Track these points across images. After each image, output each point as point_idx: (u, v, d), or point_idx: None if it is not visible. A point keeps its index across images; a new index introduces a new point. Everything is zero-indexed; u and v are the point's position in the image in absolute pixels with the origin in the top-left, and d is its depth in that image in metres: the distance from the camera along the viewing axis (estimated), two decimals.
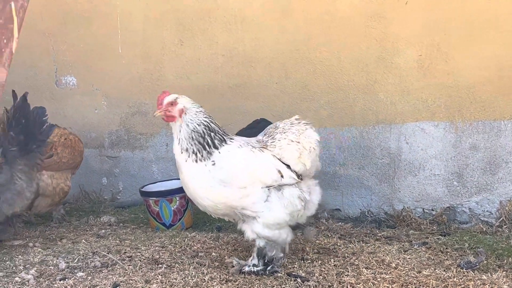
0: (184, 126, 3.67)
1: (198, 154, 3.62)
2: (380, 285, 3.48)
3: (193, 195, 3.73)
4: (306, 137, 3.87)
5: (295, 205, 3.74)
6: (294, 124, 3.96)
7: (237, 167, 3.65)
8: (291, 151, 3.78)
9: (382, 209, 5.45)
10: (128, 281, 3.58)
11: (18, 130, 4.56)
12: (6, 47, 2.01)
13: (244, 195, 3.61)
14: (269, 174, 3.68)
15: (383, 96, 5.42)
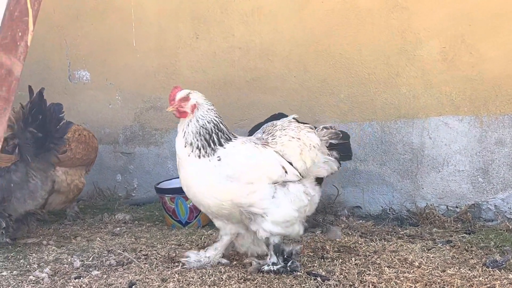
0: (194, 121, 3.70)
1: (202, 150, 3.65)
2: (403, 285, 3.47)
3: (196, 193, 3.73)
4: (306, 134, 3.88)
5: (302, 200, 3.76)
6: (292, 122, 3.98)
7: (244, 162, 3.68)
8: (293, 148, 3.81)
9: (405, 207, 5.43)
10: (144, 280, 3.60)
11: (34, 127, 4.58)
12: (22, 40, 2.03)
13: (251, 191, 3.62)
14: (275, 169, 3.71)
15: (405, 90, 5.40)
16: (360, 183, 5.60)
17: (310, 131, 3.91)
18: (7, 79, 2.00)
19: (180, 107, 3.72)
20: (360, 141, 5.55)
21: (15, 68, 2.04)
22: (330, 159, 3.95)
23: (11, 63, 2.01)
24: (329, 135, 3.98)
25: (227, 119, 5.89)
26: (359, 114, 5.55)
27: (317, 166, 3.89)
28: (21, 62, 2.05)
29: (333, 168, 3.99)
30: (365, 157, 5.56)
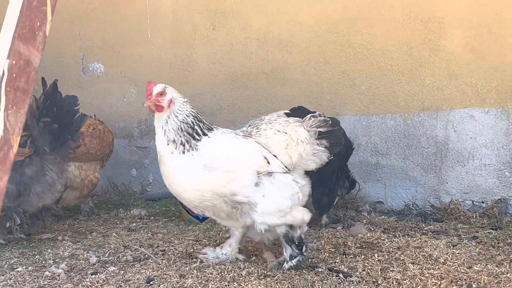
0: (173, 117, 3.69)
1: (186, 145, 3.65)
2: (428, 281, 3.46)
3: (178, 188, 3.73)
4: (294, 129, 3.84)
5: (292, 187, 3.75)
6: (281, 116, 3.94)
7: (220, 150, 3.69)
8: (278, 142, 3.77)
9: (428, 202, 5.42)
10: (162, 276, 3.63)
11: (49, 119, 4.61)
12: (40, 30, 2.04)
13: (231, 179, 3.61)
14: (255, 158, 3.70)
15: (429, 81, 5.38)
16: (382, 177, 5.59)
17: (298, 126, 3.84)
18: (25, 70, 2.02)
19: (157, 102, 3.71)
20: (382, 134, 5.54)
21: (34, 58, 2.06)
22: (319, 150, 3.85)
23: (29, 54, 2.03)
24: (318, 124, 3.87)
25: (244, 112, 5.95)
26: (381, 106, 5.54)
27: (306, 159, 3.84)
28: (40, 52, 2.08)
29: (322, 159, 3.89)
30: (387, 151, 5.55)
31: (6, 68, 1.95)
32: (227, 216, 3.82)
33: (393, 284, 3.44)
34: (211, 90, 6.23)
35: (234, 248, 3.96)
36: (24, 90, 2.02)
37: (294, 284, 3.44)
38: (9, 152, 1.97)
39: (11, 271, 3.86)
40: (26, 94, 2.03)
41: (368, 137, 5.60)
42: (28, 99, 2.05)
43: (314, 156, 3.85)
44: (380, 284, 3.45)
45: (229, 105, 6.18)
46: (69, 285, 3.52)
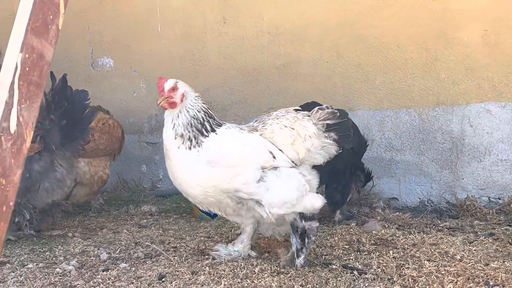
0: (184, 112, 3.69)
1: (193, 141, 3.65)
2: (444, 279, 3.46)
3: (182, 183, 3.74)
4: (302, 125, 3.82)
5: (298, 179, 3.73)
6: (290, 111, 3.93)
7: (224, 146, 3.67)
8: (284, 137, 3.75)
9: (444, 198, 5.41)
10: (174, 273, 3.64)
11: (59, 115, 4.63)
12: (53, 23, 2.06)
13: (235, 174, 3.60)
14: (260, 153, 3.68)
15: (444, 75, 5.37)
16: (397, 173, 5.59)
17: (307, 121, 3.81)
18: (38, 64, 2.04)
19: (170, 98, 3.71)
20: (396, 129, 5.54)
21: (47, 52, 2.08)
22: (328, 143, 3.83)
23: (42, 47, 2.05)
24: (325, 116, 3.84)
25: (255, 107, 5.96)
26: (396, 101, 5.53)
27: (314, 153, 3.81)
28: (53, 46, 2.09)
29: (331, 153, 3.87)
30: (402, 146, 5.55)
31: (19, 62, 1.97)
32: (233, 212, 3.83)
33: (409, 281, 3.44)
34: (222, 84, 6.25)
35: (246, 244, 3.97)
36: (37, 84, 2.03)
37: (308, 281, 3.45)
38: (22, 146, 1.99)
39: (21, 267, 3.89)
40: (39, 88, 2.05)
41: (382, 132, 5.60)
42: (41, 93, 2.07)
43: (322, 150, 3.83)
44: (395, 281, 3.45)
45: (240, 100, 6.20)
46: (80, 282, 3.54)
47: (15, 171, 1.95)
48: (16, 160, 1.96)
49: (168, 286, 3.40)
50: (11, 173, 1.95)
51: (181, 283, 3.44)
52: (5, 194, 1.93)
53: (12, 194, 1.96)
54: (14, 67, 1.96)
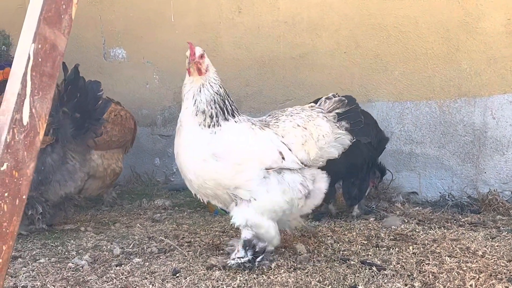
0: (208, 86, 3.62)
1: (214, 118, 3.58)
2: (466, 275, 3.45)
3: (181, 164, 3.70)
4: (316, 125, 3.78)
5: (296, 191, 3.67)
6: (305, 109, 3.88)
7: (233, 141, 3.59)
8: (296, 136, 3.70)
9: (465, 192, 5.39)
10: (188, 268, 3.66)
11: (71, 106, 4.65)
12: (66, 13, 2.07)
13: (238, 171, 3.55)
14: (269, 153, 3.61)
15: (466, 66, 5.33)
16: (417, 167, 5.57)
17: (321, 119, 3.76)
18: (51, 54, 2.05)
19: (199, 64, 3.61)
20: (416, 121, 5.51)
21: (59, 42, 2.09)
22: (341, 134, 3.80)
23: (55, 37, 2.06)
24: (334, 106, 3.81)
25: (271, 98, 5.96)
26: (416, 92, 5.51)
27: (328, 148, 3.78)
28: (66, 36, 2.11)
29: (345, 143, 3.84)
30: (422, 139, 5.53)
31: (31, 53, 1.98)
32: (222, 202, 3.79)
33: (429, 277, 3.43)
34: (237, 76, 6.24)
35: None
36: (50, 75, 2.05)
37: (325, 277, 3.45)
38: (35, 139, 2.01)
39: (33, 262, 3.92)
40: (52, 79, 2.06)
41: (402, 124, 5.58)
42: (54, 84, 2.08)
43: (336, 142, 3.80)
44: (415, 277, 3.44)
45: (256, 92, 6.19)
46: (93, 277, 3.57)
47: (28, 164, 1.97)
48: (29, 152, 1.97)
49: (183, 281, 3.41)
50: (24, 166, 1.96)
51: (196, 279, 3.45)
52: (18, 187, 1.95)
53: (25, 187, 1.98)
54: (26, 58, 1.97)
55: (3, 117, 1.93)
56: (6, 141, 1.90)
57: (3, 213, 1.91)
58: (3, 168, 1.90)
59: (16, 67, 1.99)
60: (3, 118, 1.93)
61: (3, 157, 1.90)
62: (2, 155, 1.90)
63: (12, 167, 1.93)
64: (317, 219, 4.89)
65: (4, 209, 1.91)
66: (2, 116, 1.94)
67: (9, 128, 1.91)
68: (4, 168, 1.90)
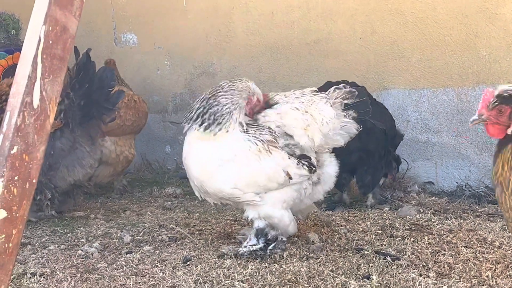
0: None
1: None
2: (482, 266, 3.45)
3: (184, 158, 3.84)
4: (318, 109, 3.76)
5: (301, 182, 3.72)
6: (306, 94, 3.86)
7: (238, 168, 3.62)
8: (296, 119, 3.70)
9: (483, 183, 5.36)
10: (199, 256, 3.68)
11: (82, 92, 4.66)
12: None
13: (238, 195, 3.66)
14: (274, 179, 3.63)
15: (485, 53, 5.30)
16: (433, 156, 5.55)
17: (324, 104, 3.74)
18: (62, 37, 2.06)
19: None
20: (433, 110, 5.50)
21: (70, 25, 2.10)
22: (347, 122, 3.78)
23: (66, 20, 2.07)
24: (343, 96, 3.78)
25: (284, 85, 5.95)
26: (433, 80, 5.49)
27: (333, 135, 3.77)
28: (77, 18, 2.12)
29: (351, 132, 3.82)
30: (439, 127, 5.51)
31: (42, 35, 1.99)
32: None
33: (445, 268, 3.44)
34: (250, 62, 6.24)
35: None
36: (61, 58, 2.06)
37: (339, 266, 3.46)
38: (45, 122, 2.02)
39: (43, 249, 3.96)
40: (62, 62, 2.07)
41: (418, 112, 5.56)
42: (65, 67, 2.09)
43: (342, 130, 3.78)
44: (430, 268, 3.45)
45: (269, 78, 6.19)
46: (103, 264, 3.60)
47: (38, 147, 1.98)
48: (39, 136, 1.99)
49: (194, 269, 3.44)
50: (34, 149, 1.98)
51: (207, 267, 3.48)
52: (28, 170, 1.96)
53: (35, 171, 1.99)
54: (37, 40, 1.98)
55: (14, 100, 1.95)
56: (17, 124, 1.92)
57: (13, 196, 1.93)
58: (13, 151, 1.91)
59: (27, 49, 2.00)
60: (14, 100, 1.95)
61: (13, 140, 1.91)
62: (13, 138, 1.91)
63: (22, 150, 1.94)
64: (330, 209, 4.90)
65: (14, 192, 1.93)
66: (13, 98, 1.95)
67: (19, 111, 1.93)
68: (15, 152, 1.92)
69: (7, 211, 1.92)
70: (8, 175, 1.91)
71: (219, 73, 6.39)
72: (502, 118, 2.45)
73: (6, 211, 1.92)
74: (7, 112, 1.94)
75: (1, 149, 1.92)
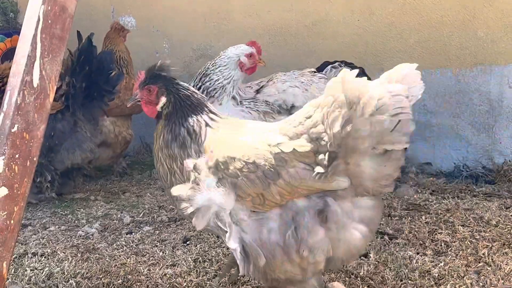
0: None
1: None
2: (479, 244, 3.49)
3: None
4: (318, 88, 3.76)
5: None
6: (306, 74, 3.86)
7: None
8: (295, 96, 3.72)
9: (480, 163, 5.39)
10: (198, 236, 3.72)
11: (82, 76, 4.69)
12: None
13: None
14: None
15: (482, 34, 5.31)
16: (431, 137, 5.57)
17: (323, 83, 3.76)
18: (61, 16, 2.08)
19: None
20: (431, 91, 5.51)
21: (69, 4, 2.12)
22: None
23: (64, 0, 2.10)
24: None
25: (282, 67, 5.92)
26: (431, 61, 5.49)
27: None
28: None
29: None
30: (437, 108, 5.52)
31: (41, 14, 2.02)
32: None
33: (441, 246, 3.49)
34: None
35: None
36: (60, 37, 2.08)
37: None
38: (45, 100, 2.05)
39: (43, 230, 4.00)
40: (62, 42, 2.10)
41: None
42: (64, 47, 2.12)
43: None
44: (427, 246, 3.50)
45: (268, 61, 6.09)
46: (103, 244, 3.64)
47: (38, 126, 2.02)
48: (39, 114, 2.02)
49: (193, 249, 3.48)
50: (35, 127, 2.01)
51: (206, 246, 3.52)
52: (29, 149, 2.00)
53: (36, 149, 2.03)
54: (36, 20, 2.01)
55: (14, 79, 1.98)
56: (17, 103, 1.95)
57: (14, 174, 1.96)
58: (14, 129, 1.94)
59: (26, 29, 2.03)
60: (14, 80, 1.98)
61: (14, 119, 1.94)
62: (13, 117, 1.94)
63: (23, 129, 1.97)
64: None
65: (15, 170, 1.96)
66: (13, 78, 1.98)
67: (19, 90, 1.96)
68: (15, 130, 1.95)
69: (8, 189, 1.96)
70: (9, 153, 1.95)
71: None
72: (151, 97, 2.55)
73: (8, 189, 1.96)
74: (8, 91, 1.97)
75: (2, 128, 1.95)
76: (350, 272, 3.09)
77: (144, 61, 6.68)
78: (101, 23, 6.83)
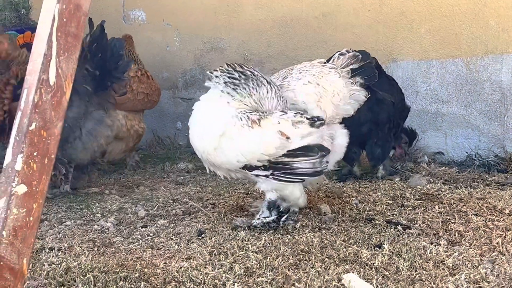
0: None
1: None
2: (493, 233, 3.49)
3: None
4: (329, 81, 3.75)
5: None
6: (315, 66, 3.85)
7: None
8: (307, 94, 3.68)
9: (492, 152, 5.39)
10: (213, 229, 3.74)
11: (93, 64, 4.69)
12: None
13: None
14: (268, 146, 3.57)
15: (494, 22, 5.30)
16: (443, 126, 5.58)
17: (333, 74, 3.72)
18: (75, 15, 2.10)
19: None
20: (442, 80, 5.51)
21: (83, 2, 2.13)
22: (355, 90, 3.76)
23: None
24: (348, 62, 3.76)
25: (293, 59, 5.96)
26: (442, 50, 5.49)
27: (343, 105, 3.75)
28: None
29: (360, 99, 3.80)
30: (448, 98, 5.52)
31: (56, 13, 2.03)
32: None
33: (455, 236, 3.49)
34: (258, 37, 6.26)
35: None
36: (75, 35, 2.10)
37: (350, 236, 3.51)
38: (62, 98, 2.07)
39: (59, 224, 4.02)
40: (77, 40, 2.11)
41: (428, 83, 5.58)
42: (79, 44, 2.13)
43: (351, 99, 3.77)
44: (441, 236, 3.50)
45: (278, 53, 6.21)
46: (119, 238, 3.66)
47: (55, 123, 2.03)
48: (56, 112, 2.03)
49: (208, 242, 3.49)
50: (52, 125, 2.03)
51: (221, 239, 3.53)
52: (46, 146, 2.01)
53: (53, 147, 2.04)
54: (51, 18, 2.02)
55: (30, 78, 1.99)
56: (34, 101, 1.97)
57: (32, 172, 1.98)
58: (31, 127, 1.96)
59: (41, 28, 2.04)
60: (30, 78, 1.99)
61: (31, 117, 1.96)
62: (31, 115, 1.96)
63: (40, 126, 1.99)
64: (341, 180, 4.94)
65: (33, 168, 1.98)
66: (29, 76, 2.00)
67: (36, 88, 1.97)
68: (33, 128, 1.97)
69: (27, 186, 1.97)
70: (27, 151, 1.96)
71: (228, 49, 6.41)
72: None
73: (27, 186, 1.97)
74: (25, 90, 1.99)
75: (20, 126, 1.96)
76: (365, 263, 3.10)
77: (155, 55, 6.74)
78: (111, 17, 6.86)
